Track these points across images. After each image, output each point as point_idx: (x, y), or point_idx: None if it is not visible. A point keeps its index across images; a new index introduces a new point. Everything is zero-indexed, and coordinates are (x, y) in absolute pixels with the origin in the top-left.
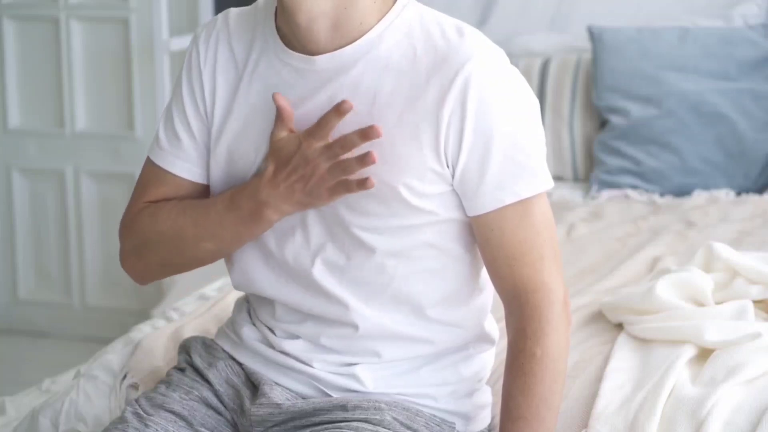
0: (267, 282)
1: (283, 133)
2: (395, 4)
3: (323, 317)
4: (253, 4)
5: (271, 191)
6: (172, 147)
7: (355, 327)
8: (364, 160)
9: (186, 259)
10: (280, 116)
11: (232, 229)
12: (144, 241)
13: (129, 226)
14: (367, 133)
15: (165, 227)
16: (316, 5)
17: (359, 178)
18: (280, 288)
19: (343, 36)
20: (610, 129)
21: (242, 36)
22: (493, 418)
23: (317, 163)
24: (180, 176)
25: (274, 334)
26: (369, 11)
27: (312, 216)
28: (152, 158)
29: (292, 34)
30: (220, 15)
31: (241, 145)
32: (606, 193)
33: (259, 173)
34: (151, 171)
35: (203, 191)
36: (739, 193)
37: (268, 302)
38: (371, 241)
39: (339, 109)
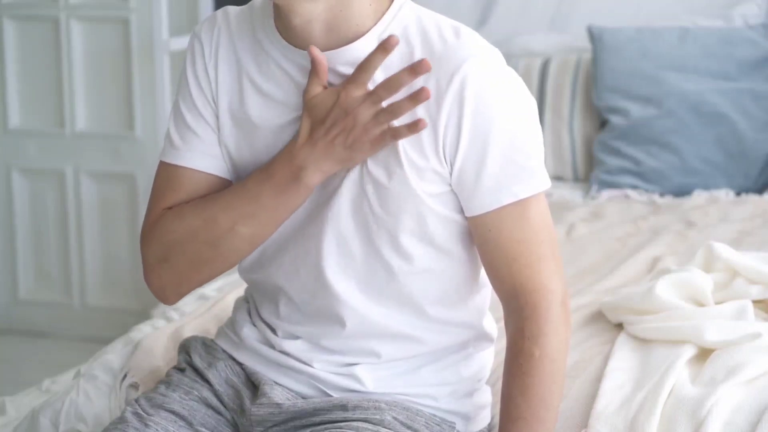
0: (279, 268)
1: (318, 89)
2: (391, 6)
3: (325, 315)
4: (248, 4)
5: (308, 151)
6: (187, 143)
7: (355, 325)
8: (419, 96)
9: (220, 251)
10: (314, 70)
11: (270, 203)
12: (171, 243)
13: (151, 232)
14: (416, 69)
15: (194, 221)
16: (311, 8)
17: (409, 123)
18: (290, 276)
19: (340, 38)
20: (610, 129)
21: (242, 33)
22: (492, 418)
23: (359, 111)
24: (199, 170)
25: (275, 333)
26: (365, 13)
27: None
28: (167, 160)
29: (288, 36)
30: (218, 12)
31: (249, 140)
32: (606, 193)
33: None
34: (167, 174)
35: (224, 187)
36: (739, 193)
37: (272, 300)
38: (377, 238)
39: (385, 46)
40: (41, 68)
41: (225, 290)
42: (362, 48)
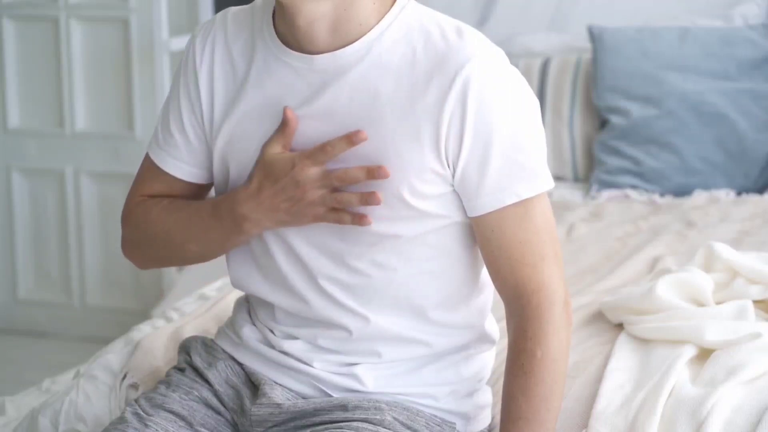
0: (263, 285)
1: (278, 149)
2: (394, 5)
3: (323, 321)
4: (251, 4)
5: (253, 206)
6: (167, 144)
7: (355, 330)
8: (368, 200)
9: (176, 257)
10: (282, 130)
11: (215, 236)
12: (138, 237)
13: (126, 218)
14: (373, 173)
15: (154, 227)
16: (315, 8)
17: (355, 213)
18: (277, 292)
19: (343, 37)
20: (610, 129)
21: (239, 36)
22: (493, 418)
23: (309, 189)
24: (172, 174)
25: (274, 334)
26: (368, 12)
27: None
28: (150, 154)
29: (290, 35)
30: (218, 15)
31: (239, 145)
32: (606, 193)
33: (244, 184)
34: (148, 165)
35: (196, 190)
36: (739, 193)
37: (268, 304)
38: (373, 242)
39: (351, 139)
40: (41, 68)
41: (225, 290)
42: (364, 47)
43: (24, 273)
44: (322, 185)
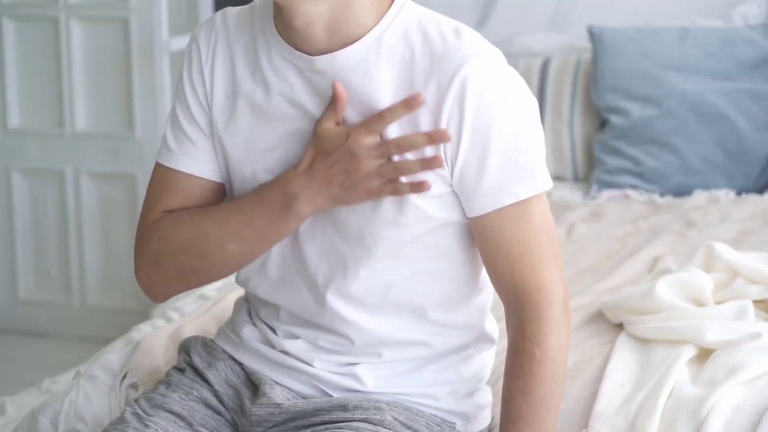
0: (277, 288)
1: (331, 123)
2: (392, 6)
3: (324, 326)
4: (249, 5)
5: (305, 182)
6: (182, 146)
7: (356, 335)
8: (431, 163)
9: (209, 264)
10: (332, 106)
11: (259, 226)
12: (164, 249)
13: (146, 235)
14: (435, 137)
15: (187, 232)
16: (313, 9)
17: (412, 182)
18: (288, 296)
19: (341, 38)
20: (610, 129)
21: (240, 35)
22: (493, 418)
23: (364, 159)
24: (193, 174)
25: (275, 333)
26: (366, 13)
27: (317, 225)
28: (162, 162)
29: (289, 37)
30: (217, 14)
31: (243, 145)
32: (606, 193)
33: (294, 166)
34: (162, 176)
35: (218, 190)
36: (739, 193)
37: (272, 307)
38: (374, 244)
39: (409, 103)
40: (41, 68)
41: (225, 290)
42: (363, 48)
43: (24, 273)
44: (379, 154)
